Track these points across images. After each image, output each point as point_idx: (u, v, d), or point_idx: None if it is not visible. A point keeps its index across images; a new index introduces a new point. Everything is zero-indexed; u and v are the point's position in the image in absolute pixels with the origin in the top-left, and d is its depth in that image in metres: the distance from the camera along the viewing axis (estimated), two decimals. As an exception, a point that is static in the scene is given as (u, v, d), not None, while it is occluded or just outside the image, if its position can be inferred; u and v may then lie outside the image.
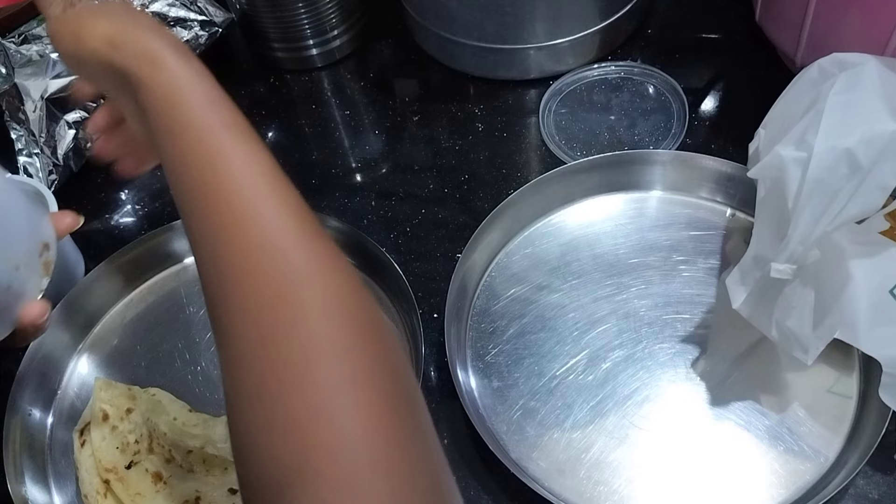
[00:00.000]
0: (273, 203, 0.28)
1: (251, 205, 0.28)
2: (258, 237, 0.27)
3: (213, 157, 0.29)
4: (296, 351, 0.25)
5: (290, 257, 0.27)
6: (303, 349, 0.25)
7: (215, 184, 0.28)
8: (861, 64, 0.42)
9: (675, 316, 0.50)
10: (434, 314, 0.52)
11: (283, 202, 0.28)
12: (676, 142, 0.58)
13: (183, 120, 0.30)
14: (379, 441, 0.24)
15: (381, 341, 0.27)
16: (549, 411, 0.47)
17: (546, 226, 0.55)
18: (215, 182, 0.28)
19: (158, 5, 0.63)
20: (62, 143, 0.60)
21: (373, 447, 0.23)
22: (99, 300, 0.54)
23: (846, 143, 0.38)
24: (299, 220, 0.28)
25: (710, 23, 0.66)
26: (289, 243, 0.27)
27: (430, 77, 0.66)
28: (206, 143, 0.29)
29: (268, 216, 0.28)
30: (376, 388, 0.25)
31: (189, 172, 0.29)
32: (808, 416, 0.45)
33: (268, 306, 0.26)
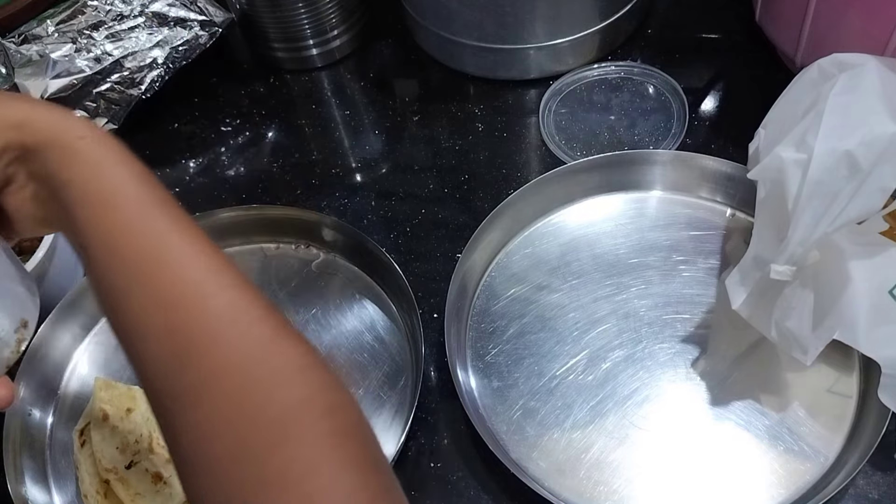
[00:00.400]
0: (220, 285, 0.27)
1: (199, 288, 0.27)
2: (214, 311, 0.26)
3: (153, 237, 0.27)
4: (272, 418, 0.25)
5: (250, 336, 0.26)
6: (279, 417, 0.25)
7: (158, 265, 0.27)
8: (861, 65, 0.42)
9: (675, 316, 0.50)
10: (434, 314, 0.52)
11: (230, 284, 0.28)
12: (676, 142, 0.58)
13: (117, 192, 0.28)
14: (371, 489, 0.24)
15: (349, 403, 0.27)
16: (549, 411, 0.47)
17: (546, 226, 0.55)
18: (157, 264, 0.27)
19: (158, 5, 0.63)
20: (62, 143, 0.60)
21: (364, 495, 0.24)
22: (99, 300, 0.54)
23: (846, 146, 0.38)
24: (250, 297, 0.28)
25: (710, 23, 0.66)
26: (245, 322, 0.27)
27: (430, 77, 0.66)
28: (142, 219, 0.28)
29: (218, 296, 0.27)
30: (358, 445, 0.26)
31: (125, 250, 0.27)
32: (808, 416, 0.45)
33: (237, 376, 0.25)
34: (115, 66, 0.61)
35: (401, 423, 0.47)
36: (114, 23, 0.62)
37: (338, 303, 0.53)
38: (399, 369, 0.49)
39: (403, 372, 0.49)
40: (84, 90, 0.60)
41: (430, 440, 0.47)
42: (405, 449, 0.46)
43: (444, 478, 0.45)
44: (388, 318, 0.52)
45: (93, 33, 0.62)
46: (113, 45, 0.62)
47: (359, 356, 0.50)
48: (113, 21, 0.62)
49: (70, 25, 0.62)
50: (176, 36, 0.63)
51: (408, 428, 0.44)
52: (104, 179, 0.28)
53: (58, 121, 0.30)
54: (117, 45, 0.62)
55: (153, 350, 0.26)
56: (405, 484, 0.45)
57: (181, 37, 0.64)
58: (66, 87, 0.60)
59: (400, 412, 0.47)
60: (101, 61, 0.61)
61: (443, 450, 0.47)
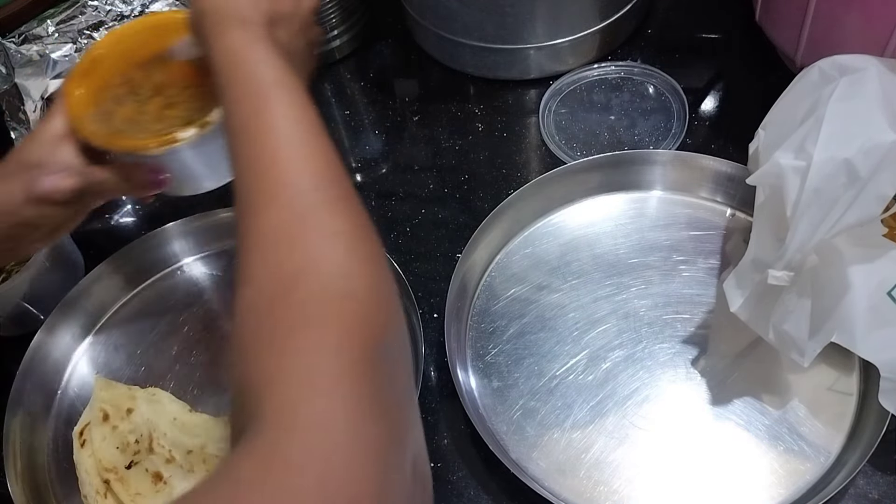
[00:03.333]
0: (306, 169, 0.31)
1: (286, 169, 0.30)
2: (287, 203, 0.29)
3: (261, 108, 0.31)
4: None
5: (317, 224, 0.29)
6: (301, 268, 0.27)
7: (258, 134, 0.31)
8: (862, 69, 0.42)
9: (675, 316, 0.50)
10: (434, 314, 0.52)
11: (315, 169, 0.31)
12: (676, 142, 0.58)
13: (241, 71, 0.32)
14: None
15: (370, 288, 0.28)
16: (549, 411, 0.47)
17: (546, 226, 0.55)
18: (258, 132, 0.31)
19: (158, 6, 0.63)
20: (62, 143, 0.60)
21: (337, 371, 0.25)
22: (99, 300, 0.54)
23: (845, 154, 0.38)
24: (327, 183, 0.31)
25: (710, 23, 0.66)
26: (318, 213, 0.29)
27: (430, 77, 0.66)
28: (256, 95, 0.32)
29: (299, 183, 0.30)
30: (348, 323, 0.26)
31: (235, 117, 0.32)
32: (809, 416, 0.45)
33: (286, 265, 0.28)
34: (115, 67, 0.61)
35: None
36: (114, 23, 0.62)
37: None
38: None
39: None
40: (84, 90, 0.60)
41: (430, 440, 0.47)
42: (405, 449, 0.46)
43: (444, 478, 0.45)
44: None
45: (93, 33, 0.62)
46: (113, 46, 0.62)
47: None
48: (113, 21, 0.63)
49: (70, 25, 0.62)
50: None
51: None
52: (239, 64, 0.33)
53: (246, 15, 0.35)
54: (118, 46, 0.62)
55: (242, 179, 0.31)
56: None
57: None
58: (66, 88, 0.60)
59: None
60: (102, 61, 0.61)
61: (443, 450, 0.47)
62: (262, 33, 0.34)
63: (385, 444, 0.24)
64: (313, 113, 0.33)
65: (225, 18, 0.34)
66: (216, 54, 0.34)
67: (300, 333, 0.25)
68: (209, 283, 0.56)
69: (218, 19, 0.34)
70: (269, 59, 0.33)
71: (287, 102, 0.32)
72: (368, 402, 0.24)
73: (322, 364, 0.24)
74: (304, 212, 0.29)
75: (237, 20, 0.34)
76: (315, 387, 0.24)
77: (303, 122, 0.32)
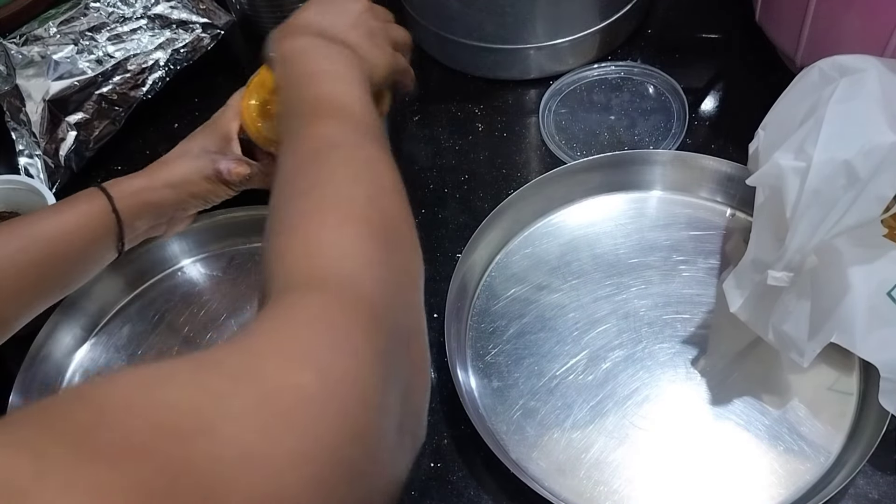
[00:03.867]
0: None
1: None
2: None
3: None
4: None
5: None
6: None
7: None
8: (862, 70, 0.42)
9: (675, 316, 0.50)
10: (434, 314, 0.52)
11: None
12: (676, 142, 0.58)
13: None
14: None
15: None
16: (549, 411, 0.47)
17: (546, 226, 0.55)
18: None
19: (160, 8, 0.64)
20: (64, 145, 0.60)
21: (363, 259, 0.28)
22: (100, 301, 0.54)
23: (845, 155, 0.38)
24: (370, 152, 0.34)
25: (710, 23, 0.66)
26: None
27: (430, 77, 0.66)
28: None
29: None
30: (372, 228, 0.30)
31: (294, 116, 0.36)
32: (809, 415, 0.45)
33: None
34: (116, 68, 0.61)
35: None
36: (116, 25, 0.63)
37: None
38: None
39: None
40: (86, 92, 0.61)
41: (430, 440, 0.47)
42: (405, 449, 0.46)
43: (444, 478, 0.46)
44: None
45: (95, 35, 0.62)
46: (115, 47, 0.62)
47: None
48: (115, 23, 0.63)
49: (72, 27, 0.62)
50: (178, 38, 0.64)
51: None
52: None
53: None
54: (119, 47, 0.62)
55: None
56: (405, 483, 0.45)
57: (183, 39, 0.64)
58: (67, 89, 0.60)
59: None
60: (103, 63, 0.61)
61: (443, 450, 0.47)
62: (311, 37, 0.41)
63: (384, 378, 0.25)
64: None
65: (285, 30, 0.43)
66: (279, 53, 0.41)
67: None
68: (209, 284, 0.56)
69: (282, 31, 0.43)
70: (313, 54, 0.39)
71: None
72: (378, 335, 0.25)
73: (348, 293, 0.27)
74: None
75: (293, 30, 0.42)
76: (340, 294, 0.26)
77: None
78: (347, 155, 0.33)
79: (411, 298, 0.29)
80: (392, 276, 0.28)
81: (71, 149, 0.60)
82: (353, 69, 0.39)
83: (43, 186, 0.56)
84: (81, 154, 0.62)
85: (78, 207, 0.45)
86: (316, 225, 0.29)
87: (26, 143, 0.61)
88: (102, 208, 0.46)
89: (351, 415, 0.22)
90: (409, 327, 0.28)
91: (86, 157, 0.62)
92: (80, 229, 0.45)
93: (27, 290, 0.43)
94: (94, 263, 0.47)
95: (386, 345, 0.25)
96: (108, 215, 0.46)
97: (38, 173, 0.60)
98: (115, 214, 0.46)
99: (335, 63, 0.39)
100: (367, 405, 0.23)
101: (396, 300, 0.28)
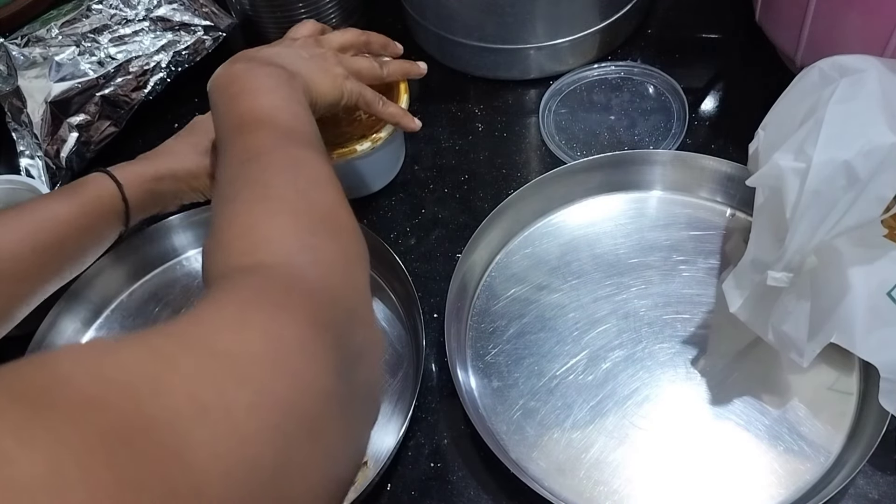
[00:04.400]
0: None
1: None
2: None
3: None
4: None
5: None
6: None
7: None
8: (862, 70, 0.42)
9: (675, 316, 0.50)
10: (434, 314, 0.52)
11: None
12: (676, 142, 0.58)
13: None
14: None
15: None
16: (549, 411, 0.47)
17: (546, 226, 0.55)
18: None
19: (163, 10, 0.64)
20: (65, 146, 0.60)
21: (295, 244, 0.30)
22: (101, 294, 0.55)
23: (845, 156, 0.38)
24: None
25: (710, 23, 0.66)
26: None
27: (430, 77, 0.66)
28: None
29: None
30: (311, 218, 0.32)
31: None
32: (809, 415, 0.45)
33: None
34: (118, 70, 0.62)
35: (401, 416, 0.47)
36: (118, 27, 0.63)
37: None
38: (399, 358, 0.50)
39: (403, 361, 0.49)
40: (87, 93, 0.61)
41: (430, 440, 0.47)
42: (405, 449, 0.46)
43: (444, 478, 0.46)
44: (388, 309, 0.52)
45: (97, 37, 0.62)
46: (117, 49, 0.62)
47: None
48: (117, 25, 0.63)
49: (74, 28, 0.62)
50: (180, 40, 0.64)
51: (407, 423, 0.44)
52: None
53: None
54: (121, 49, 0.62)
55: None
56: (405, 484, 0.45)
57: (185, 41, 0.64)
58: (69, 90, 0.60)
59: (400, 404, 0.48)
60: (105, 65, 0.61)
61: (443, 450, 0.47)
62: (244, 62, 0.42)
63: (334, 349, 0.26)
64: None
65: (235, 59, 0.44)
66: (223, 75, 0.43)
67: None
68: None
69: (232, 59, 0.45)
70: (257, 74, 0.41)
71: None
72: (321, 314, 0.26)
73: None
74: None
75: (231, 59, 0.44)
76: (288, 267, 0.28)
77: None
78: (274, 158, 0.35)
79: (351, 279, 0.30)
80: (327, 258, 0.30)
81: (72, 150, 0.61)
82: (284, 86, 0.41)
83: (44, 187, 0.56)
84: (82, 155, 0.62)
85: (87, 192, 0.46)
86: (249, 221, 0.31)
87: (27, 144, 0.61)
88: (112, 194, 0.46)
89: (301, 372, 0.23)
90: (351, 305, 0.29)
91: (87, 159, 0.62)
92: (89, 214, 0.45)
93: (37, 272, 0.44)
94: (99, 248, 0.48)
95: (326, 317, 0.26)
96: (118, 202, 0.46)
97: (39, 174, 0.60)
98: (124, 202, 0.46)
99: (264, 80, 0.40)
100: (315, 365, 0.24)
101: (333, 280, 0.29)
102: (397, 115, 0.52)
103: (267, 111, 0.38)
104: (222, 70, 0.42)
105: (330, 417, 0.24)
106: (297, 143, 0.36)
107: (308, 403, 0.23)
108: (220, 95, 0.41)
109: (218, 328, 0.23)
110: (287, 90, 0.41)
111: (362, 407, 0.27)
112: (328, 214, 0.32)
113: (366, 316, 0.31)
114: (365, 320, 0.30)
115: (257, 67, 0.41)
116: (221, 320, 0.24)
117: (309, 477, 0.22)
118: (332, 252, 0.30)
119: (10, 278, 0.42)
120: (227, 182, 0.34)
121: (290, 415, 0.22)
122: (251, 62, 0.42)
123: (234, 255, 0.29)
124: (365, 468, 0.45)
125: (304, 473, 0.22)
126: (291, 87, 0.41)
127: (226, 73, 0.42)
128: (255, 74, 0.41)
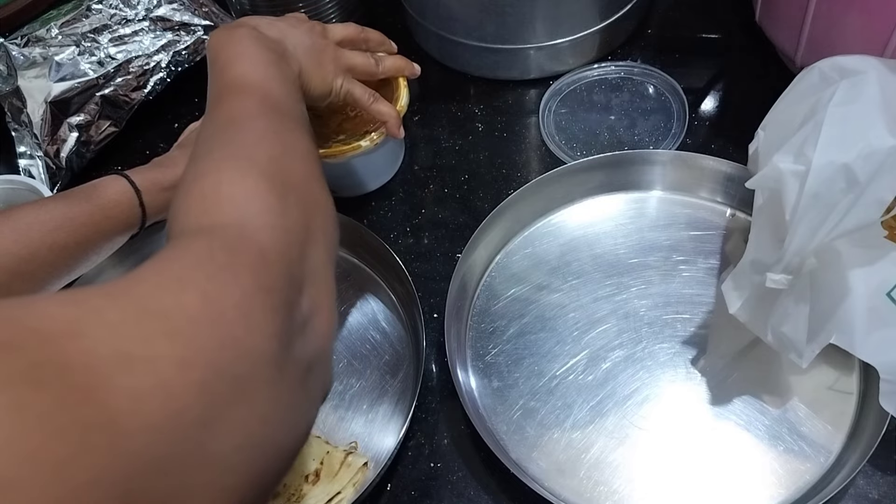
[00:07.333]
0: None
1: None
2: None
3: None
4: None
5: None
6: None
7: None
8: (862, 71, 0.42)
9: (675, 316, 0.50)
10: (434, 314, 0.52)
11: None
12: (676, 142, 0.58)
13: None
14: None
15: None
16: (549, 411, 0.47)
17: (546, 226, 0.55)
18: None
19: (162, 10, 0.64)
20: (65, 146, 0.60)
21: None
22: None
23: (844, 159, 0.38)
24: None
25: (710, 23, 0.66)
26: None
27: (430, 77, 0.66)
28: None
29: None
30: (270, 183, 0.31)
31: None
32: (809, 415, 0.45)
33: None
34: (118, 70, 0.62)
35: (401, 416, 0.47)
36: (118, 26, 0.63)
37: (339, 293, 0.53)
38: (400, 358, 0.50)
39: (404, 361, 0.49)
40: (87, 93, 0.61)
41: (430, 440, 0.47)
42: (405, 449, 0.46)
43: (444, 478, 0.46)
44: (388, 309, 0.52)
45: (97, 37, 0.62)
46: (117, 49, 0.62)
47: (360, 346, 0.51)
48: (117, 25, 0.63)
49: (74, 28, 0.62)
50: (179, 40, 0.64)
51: (408, 423, 0.44)
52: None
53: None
54: (121, 49, 0.62)
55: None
56: (405, 484, 0.46)
57: (184, 41, 0.64)
58: (69, 90, 0.60)
59: (401, 404, 0.48)
60: (105, 65, 0.61)
61: (443, 450, 0.47)
62: (248, 28, 0.42)
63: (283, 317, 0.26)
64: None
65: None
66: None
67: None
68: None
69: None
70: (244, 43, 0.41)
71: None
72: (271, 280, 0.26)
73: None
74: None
75: (233, 23, 0.44)
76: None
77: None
78: (257, 124, 0.34)
79: (311, 252, 0.30)
80: (288, 225, 0.29)
81: (72, 150, 0.61)
82: (282, 63, 0.40)
83: (44, 187, 0.56)
84: (82, 155, 0.62)
85: (107, 195, 0.45)
86: (213, 180, 0.30)
87: (27, 144, 0.61)
88: (130, 199, 0.46)
89: (236, 335, 0.23)
90: (304, 275, 0.29)
91: (87, 159, 0.62)
92: (108, 218, 0.45)
93: (50, 271, 0.44)
94: (110, 251, 0.48)
95: (273, 282, 0.26)
96: (136, 207, 0.46)
97: (38, 174, 0.60)
98: (141, 208, 0.46)
99: (265, 53, 0.40)
100: (253, 330, 0.24)
101: (291, 249, 0.29)
102: (386, 113, 0.51)
103: (260, 80, 0.38)
104: (227, 29, 0.42)
105: (265, 381, 0.24)
106: (283, 117, 0.36)
107: (242, 365, 0.23)
108: (219, 52, 0.40)
109: (156, 287, 0.23)
110: (285, 68, 0.41)
111: (307, 375, 0.27)
112: (299, 185, 0.32)
113: (320, 290, 0.30)
114: (318, 293, 0.30)
115: (262, 38, 0.41)
116: (161, 280, 0.24)
117: (237, 437, 0.22)
118: (294, 220, 0.30)
119: (23, 276, 0.42)
120: (205, 139, 0.34)
121: (222, 374, 0.22)
122: (256, 30, 0.42)
123: (193, 214, 0.29)
124: (365, 468, 0.45)
125: (233, 433, 0.22)
126: (289, 67, 0.41)
127: (229, 34, 0.41)
128: (257, 43, 0.40)
